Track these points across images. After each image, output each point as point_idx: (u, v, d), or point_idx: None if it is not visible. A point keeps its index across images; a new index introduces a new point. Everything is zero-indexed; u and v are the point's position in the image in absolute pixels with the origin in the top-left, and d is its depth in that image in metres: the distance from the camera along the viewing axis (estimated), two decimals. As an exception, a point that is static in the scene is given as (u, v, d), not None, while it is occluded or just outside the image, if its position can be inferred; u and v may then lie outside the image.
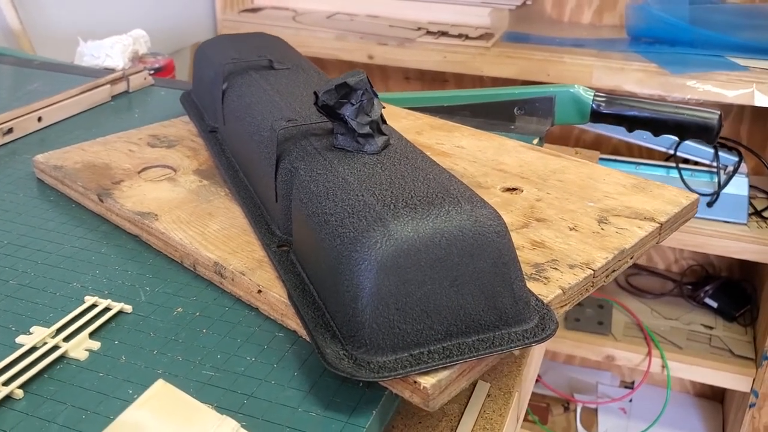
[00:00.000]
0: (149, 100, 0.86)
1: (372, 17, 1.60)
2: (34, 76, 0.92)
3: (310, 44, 1.53)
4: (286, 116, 0.54)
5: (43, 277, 0.52)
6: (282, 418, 0.40)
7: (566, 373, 1.85)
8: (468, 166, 0.65)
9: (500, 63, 1.43)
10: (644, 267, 1.78)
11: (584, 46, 1.47)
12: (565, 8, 1.65)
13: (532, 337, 0.43)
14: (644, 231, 0.55)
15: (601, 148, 1.69)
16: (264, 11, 1.65)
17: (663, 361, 1.55)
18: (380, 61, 1.50)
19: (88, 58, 0.98)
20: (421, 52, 1.47)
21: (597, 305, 1.65)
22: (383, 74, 1.78)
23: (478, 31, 1.50)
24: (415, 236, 0.41)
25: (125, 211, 0.57)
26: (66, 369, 0.44)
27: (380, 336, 0.40)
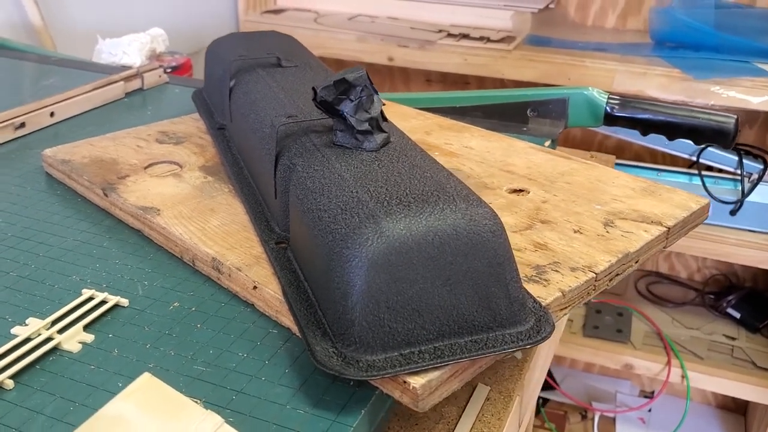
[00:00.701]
0: (163, 98, 0.86)
1: (393, 19, 1.60)
2: (51, 72, 0.93)
3: (330, 46, 1.53)
4: (288, 113, 0.53)
5: (43, 270, 0.52)
6: (269, 415, 0.40)
7: (585, 381, 1.82)
8: (475, 166, 0.64)
9: (521, 66, 1.42)
10: (666, 275, 1.76)
11: (607, 51, 1.45)
12: (589, 12, 1.63)
13: (527, 339, 0.42)
14: (650, 235, 0.54)
15: (623, 154, 1.67)
16: (286, 12, 1.65)
17: (683, 371, 1.52)
18: (400, 63, 1.50)
19: (105, 55, 0.99)
20: (442, 54, 1.46)
21: (616, 313, 1.63)
22: (404, 76, 1.77)
23: (500, 34, 1.49)
24: (407, 234, 0.40)
25: (128, 206, 0.57)
26: (58, 361, 0.44)
27: (370, 334, 0.40)
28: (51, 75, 0.92)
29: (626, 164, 1.44)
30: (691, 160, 1.43)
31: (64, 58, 1.00)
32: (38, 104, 0.74)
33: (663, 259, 1.77)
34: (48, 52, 1.05)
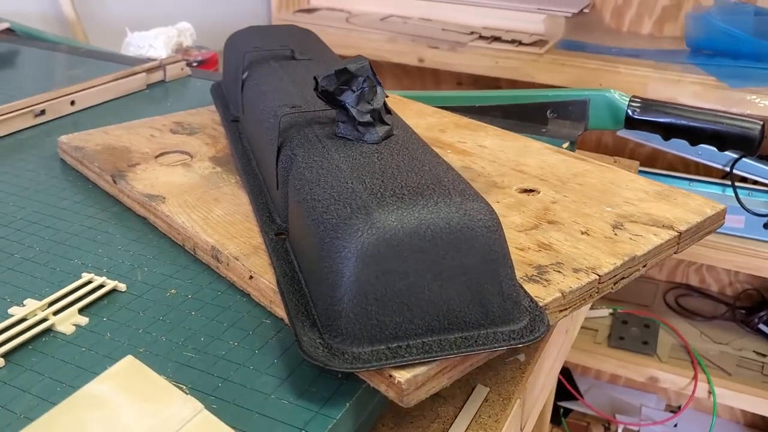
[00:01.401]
0: (184, 91, 0.87)
1: (425, 20, 1.59)
2: (78, 63, 0.94)
3: (361, 45, 1.53)
4: (293, 103, 0.53)
5: (47, 253, 0.53)
6: (253, 404, 0.39)
7: (609, 393, 1.79)
8: (486, 165, 0.63)
9: (552, 70, 1.40)
10: (696, 288, 1.72)
11: (641, 57, 1.43)
12: (625, 18, 1.61)
13: (519, 338, 0.41)
14: (660, 239, 0.52)
15: (655, 163, 1.64)
16: (319, 12, 1.66)
17: (710, 386, 1.49)
18: (430, 64, 1.49)
19: (133, 48, 1.00)
20: (473, 56, 1.45)
21: (643, 324, 1.60)
22: (435, 78, 1.76)
23: (532, 38, 1.47)
24: (398, 226, 0.39)
25: (135, 193, 0.57)
26: (51, 342, 0.44)
27: (357, 326, 0.39)
28: (78, 66, 0.93)
29: (657, 173, 1.41)
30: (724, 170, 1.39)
31: (92, 49, 1.01)
32: (59, 92, 0.75)
33: (694, 271, 1.73)
34: (77, 44, 1.06)
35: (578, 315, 0.74)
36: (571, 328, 0.72)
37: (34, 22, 1.16)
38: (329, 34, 1.55)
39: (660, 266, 1.76)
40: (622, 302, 1.68)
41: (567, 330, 0.69)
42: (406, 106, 0.76)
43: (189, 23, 1.07)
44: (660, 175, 1.41)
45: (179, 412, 0.36)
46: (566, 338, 0.70)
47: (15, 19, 1.10)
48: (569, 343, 0.74)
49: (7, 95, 0.76)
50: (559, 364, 0.71)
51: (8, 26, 0.98)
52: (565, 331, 0.68)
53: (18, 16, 1.13)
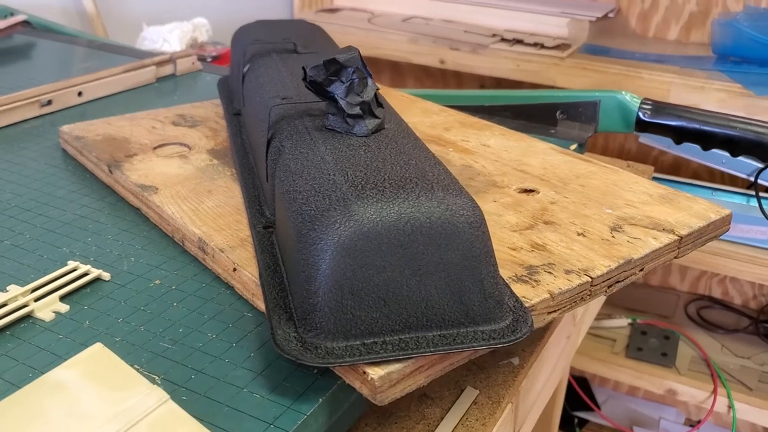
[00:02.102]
0: (194, 85, 0.87)
1: (448, 22, 1.58)
2: (92, 56, 0.94)
3: (382, 46, 1.52)
4: (287, 95, 0.52)
5: (37, 240, 0.53)
6: (224, 397, 0.39)
7: (628, 405, 1.76)
8: (488, 164, 0.62)
9: (574, 74, 1.38)
10: (719, 300, 1.68)
11: (665, 63, 1.40)
12: (651, 23, 1.58)
13: (499, 338, 0.40)
14: (659, 243, 0.51)
15: (679, 171, 1.61)
16: (342, 12, 1.65)
17: (729, 401, 1.45)
18: (451, 66, 1.48)
19: (148, 42, 1.01)
20: (494, 59, 1.44)
21: (663, 336, 1.57)
22: (458, 81, 1.75)
23: (555, 42, 1.45)
24: (377, 219, 0.38)
25: (129, 183, 0.57)
26: (29, 328, 0.44)
27: (332, 321, 0.38)
28: (92, 59, 0.93)
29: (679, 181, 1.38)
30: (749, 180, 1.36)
31: (107, 43, 1.01)
32: (66, 83, 0.75)
33: (717, 283, 1.69)
34: (94, 37, 1.07)
35: (582, 320, 0.73)
36: (575, 334, 0.71)
37: (56, 16, 1.17)
38: (351, 34, 1.55)
39: (682, 277, 1.73)
40: (641, 312, 1.65)
41: (569, 335, 0.67)
42: (413, 104, 0.75)
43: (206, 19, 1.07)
44: (682, 183, 1.38)
45: (143, 402, 0.35)
46: (569, 344, 0.68)
47: (37, 12, 1.11)
48: (572, 349, 0.72)
49: (17, 86, 0.76)
50: (561, 370, 0.69)
51: (25, 18, 0.99)
52: (566, 337, 0.66)
53: (40, 9, 1.14)
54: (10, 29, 0.96)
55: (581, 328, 0.73)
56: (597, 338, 1.58)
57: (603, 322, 1.60)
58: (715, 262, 1.38)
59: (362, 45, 1.54)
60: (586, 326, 0.77)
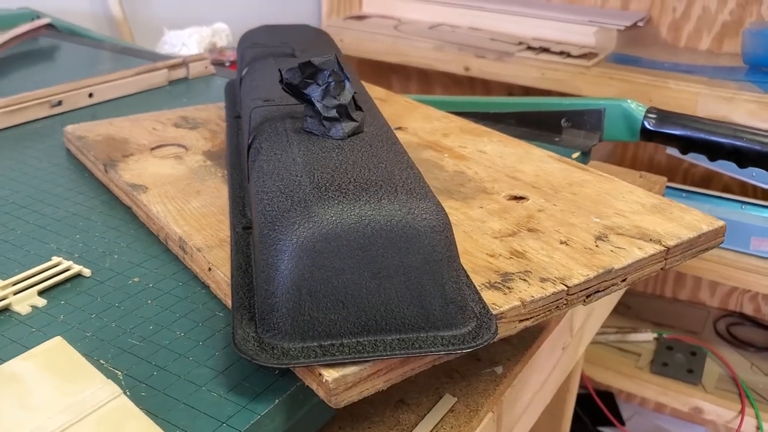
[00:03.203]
0: (206, 88, 0.88)
1: (475, 30, 1.57)
2: (112, 59, 0.96)
3: (408, 53, 1.52)
4: (273, 98, 0.53)
5: (27, 236, 0.54)
6: (182, 394, 0.39)
7: (653, 422, 1.72)
8: (481, 170, 0.61)
9: (600, 84, 1.37)
10: (750, 317, 1.64)
11: (695, 73, 1.37)
12: (682, 33, 1.55)
13: (459, 344, 0.39)
14: (644, 253, 0.50)
15: (710, 184, 1.57)
16: (369, 19, 1.66)
17: (758, 421, 1.41)
18: (477, 73, 1.47)
19: (168, 46, 1.02)
20: (519, 67, 1.43)
21: (689, 352, 1.53)
22: (485, 88, 1.74)
23: (582, 50, 1.44)
24: (337, 220, 0.38)
25: (121, 182, 0.58)
26: (5, 321, 0.45)
27: (289, 321, 0.38)
28: (111, 62, 0.95)
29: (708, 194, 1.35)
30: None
31: (129, 46, 1.03)
32: (76, 84, 0.77)
33: (748, 300, 1.65)
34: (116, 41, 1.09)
35: (582, 331, 0.71)
36: (573, 345, 0.70)
37: (85, 21, 1.20)
38: (377, 41, 1.56)
39: (712, 292, 1.69)
40: (668, 327, 1.61)
41: (565, 346, 0.66)
42: (415, 110, 0.75)
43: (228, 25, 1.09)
44: (710, 196, 1.35)
45: (96, 395, 0.36)
46: (565, 355, 0.67)
47: (67, 17, 1.14)
48: (570, 361, 0.71)
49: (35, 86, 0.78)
50: (555, 382, 0.68)
51: (49, 22, 1.02)
52: (562, 348, 0.65)
53: (70, 14, 1.17)
54: (35, 32, 0.99)
55: (581, 339, 0.72)
56: (621, 352, 1.55)
57: (628, 335, 1.57)
58: (747, 278, 1.35)
59: (389, 52, 1.55)
60: (588, 338, 0.75)
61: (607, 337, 1.57)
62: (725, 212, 1.31)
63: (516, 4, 1.60)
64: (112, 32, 1.22)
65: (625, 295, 1.73)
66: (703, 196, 1.34)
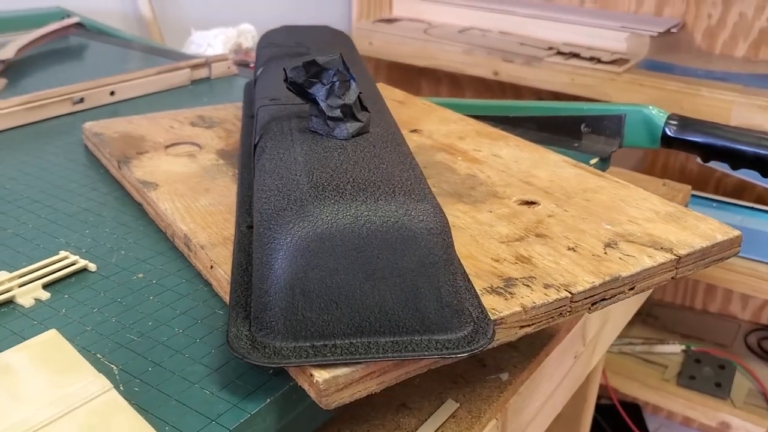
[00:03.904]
0: (228, 88, 0.88)
1: (505, 34, 1.56)
2: (138, 58, 0.98)
3: (436, 56, 1.52)
4: (276, 96, 0.53)
5: (38, 230, 0.54)
6: (174, 391, 0.39)
7: (681, 436, 1.69)
8: (494, 174, 0.61)
9: (630, 90, 1.35)
10: (783, 331, 1.60)
11: (729, 81, 1.35)
12: (717, 39, 1.52)
13: (453, 348, 0.39)
14: (653, 261, 0.48)
15: (743, 195, 1.54)
16: (400, 22, 1.66)
17: (788, 438, 1.38)
18: (505, 78, 1.46)
19: (194, 47, 1.03)
20: (548, 72, 1.42)
21: (718, 365, 1.50)
22: (516, 93, 1.73)
23: (613, 56, 1.42)
24: (332, 220, 0.38)
25: (133, 179, 0.58)
26: (9, 313, 0.45)
27: (282, 321, 0.38)
28: (137, 60, 0.96)
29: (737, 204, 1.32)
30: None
31: (156, 46, 1.05)
32: (98, 82, 0.78)
33: (781, 313, 1.61)
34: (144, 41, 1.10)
35: (597, 340, 0.70)
36: (586, 354, 0.68)
37: (116, 21, 1.21)
38: (406, 44, 1.55)
39: (744, 305, 1.65)
40: (697, 339, 1.58)
41: (577, 355, 0.65)
42: (432, 112, 0.75)
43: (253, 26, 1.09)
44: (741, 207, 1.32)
45: (86, 389, 0.36)
46: (578, 364, 0.66)
47: (98, 17, 1.15)
48: (584, 370, 0.70)
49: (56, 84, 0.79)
50: (567, 391, 0.67)
51: (78, 21, 1.03)
52: (574, 356, 0.64)
53: (100, 14, 1.18)
54: (64, 31, 1.01)
55: (595, 348, 0.71)
56: (647, 363, 1.53)
57: (655, 347, 1.55)
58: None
59: (418, 55, 1.54)
60: (604, 347, 0.74)
61: (633, 348, 1.54)
62: (758, 223, 1.28)
63: (548, 9, 1.59)
64: (142, 32, 1.24)
65: (653, 306, 1.70)
66: (734, 206, 1.31)
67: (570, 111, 0.74)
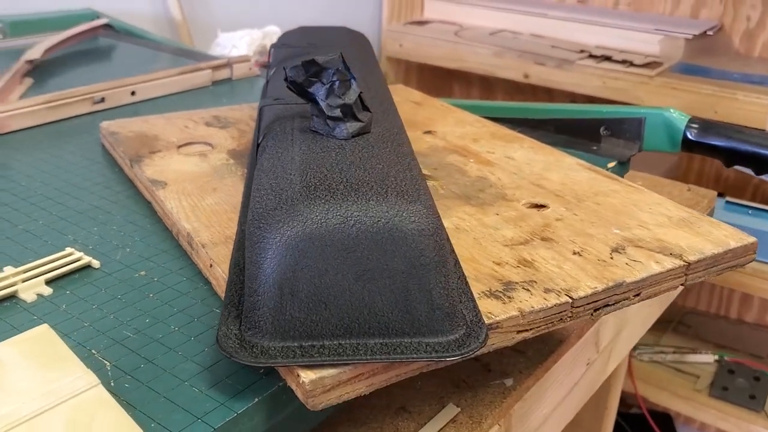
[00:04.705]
0: (248, 89, 0.89)
1: (537, 37, 1.55)
2: (163, 60, 0.99)
3: (466, 59, 1.51)
4: (280, 95, 0.53)
5: (47, 227, 0.55)
6: (164, 388, 0.39)
7: (713, 447, 1.65)
8: (504, 177, 0.60)
9: (663, 94, 1.32)
10: (822, 343, 1.55)
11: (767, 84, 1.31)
12: (756, 42, 1.48)
13: (443, 352, 0.38)
14: (661, 267, 0.47)
15: (781, 201, 1.50)
16: (431, 24, 1.65)
17: (824, 453, 1.33)
18: (536, 80, 1.45)
19: (219, 48, 1.04)
20: (579, 75, 1.40)
21: (752, 376, 1.46)
22: (548, 96, 1.71)
23: (646, 59, 1.39)
24: (321, 220, 0.38)
25: (143, 178, 0.59)
26: (11, 307, 0.46)
27: (270, 320, 0.38)
28: (163, 62, 0.97)
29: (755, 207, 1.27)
30: None
31: (182, 48, 1.06)
32: (119, 82, 0.79)
33: (821, 324, 1.56)
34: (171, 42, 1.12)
35: (612, 348, 0.69)
36: (601, 362, 0.67)
37: (146, 23, 1.23)
38: (436, 46, 1.55)
39: (781, 315, 1.61)
40: (731, 349, 1.54)
41: (590, 362, 0.64)
42: (449, 114, 0.74)
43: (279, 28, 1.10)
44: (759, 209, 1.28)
45: (73, 384, 0.36)
46: (590, 371, 0.65)
47: (129, 18, 1.17)
48: (598, 378, 0.68)
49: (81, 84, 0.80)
50: (580, 399, 0.65)
51: (107, 22, 1.05)
52: (586, 363, 0.63)
53: (131, 15, 1.20)
54: (91, 32, 1.02)
55: (610, 355, 0.69)
56: (678, 373, 1.49)
57: (686, 356, 1.51)
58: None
59: (448, 57, 1.53)
60: (620, 355, 0.72)
61: (664, 357, 1.51)
62: (795, 231, 1.24)
63: (581, 11, 1.57)
64: (172, 34, 1.25)
65: (686, 314, 1.66)
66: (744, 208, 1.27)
67: (589, 114, 0.73)
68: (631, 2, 1.62)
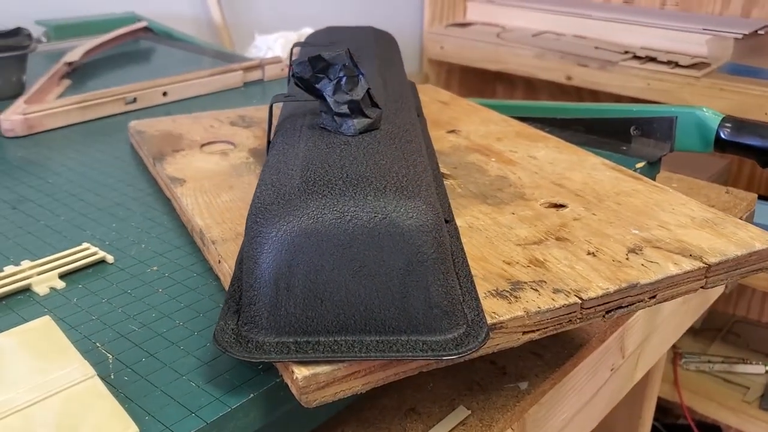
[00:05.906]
0: (280, 89, 0.89)
1: (580, 38, 1.52)
2: (199, 62, 1.00)
3: (507, 60, 1.49)
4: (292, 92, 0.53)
5: (68, 222, 0.56)
6: (162, 382, 0.39)
7: (764, 462, 1.59)
8: (525, 176, 0.59)
9: (710, 95, 1.28)
10: None
11: (820, 85, 1.26)
12: (810, 42, 1.43)
13: (439, 350, 0.37)
14: (678, 269, 0.45)
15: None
16: (473, 26, 1.64)
17: None
18: (578, 82, 1.42)
19: (255, 50, 1.05)
20: (623, 76, 1.37)
21: (805, 388, 1.41)
22: (593, 97, 1.68)
23: (693, 60, 1.36)
24: (318, 215, 0.37)
25: (164, 175, 0.59)
26: (24, 300, 0.46)
27: (265, 315, 0.38)
28: (199, 64, 0.99)
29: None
30: None
31: (219, 50, 1.07)
32: (151, 83, 0.80)
33: None
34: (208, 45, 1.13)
35: (640, 353, 0.67)
36: (628, 368, 0.65)
37: (187, 26, 1.25)
38: (479, 48, 1.53)
39: (837, 326, 1.54)
40: (783, 360, 1.49)
41: (614, 368, 0.62)
42: (474, 113, 0.73)
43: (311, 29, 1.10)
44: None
45: (68, 375, 0.36)
46: (615, 377, 0.63)
47: (170, 21, 1.19)
48: (625, 384, 0.66)
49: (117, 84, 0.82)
50: (604, 406, 0.63)
51: (146, 25, 1.07)
52: (610, 369, 0.61)
53: (173, 19, 1.22)
54: (131, 35, 1.04)
55: (638, 361, 0.67)
56: (727, 383, 1.45)
57: (735, 366, 1.46)
58: None
59: (489, 59, 1.52)
60: (650, 361, 0.70)
61: (712, 366, 1.47)
62: None
63: (626, 12, 1.54)
64: (213, 37, 1.27)
65: (735, 323, 1.61)
66: None
67: (619, 113, 0.71)
68: (678, 2, 1.58)
